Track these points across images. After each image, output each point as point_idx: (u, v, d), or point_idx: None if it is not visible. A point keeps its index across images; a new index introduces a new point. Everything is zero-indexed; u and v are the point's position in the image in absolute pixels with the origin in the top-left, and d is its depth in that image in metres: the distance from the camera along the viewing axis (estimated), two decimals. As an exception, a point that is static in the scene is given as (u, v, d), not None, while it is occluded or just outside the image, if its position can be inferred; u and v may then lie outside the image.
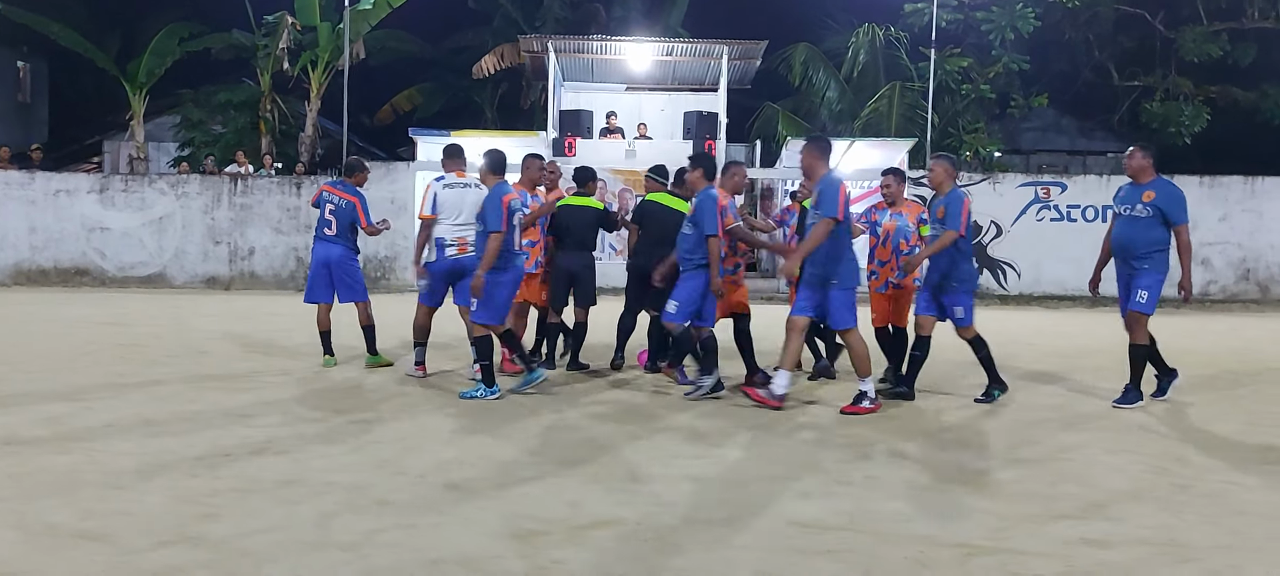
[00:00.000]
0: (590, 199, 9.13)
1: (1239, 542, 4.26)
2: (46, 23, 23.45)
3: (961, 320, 7.71)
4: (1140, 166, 7.69)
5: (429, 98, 28.94)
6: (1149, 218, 7.55)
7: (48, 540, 4.02)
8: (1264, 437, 6.54)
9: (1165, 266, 7.59)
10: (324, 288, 8.85)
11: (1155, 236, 7.56)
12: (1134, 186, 7.72)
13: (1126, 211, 7.70)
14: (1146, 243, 7.58)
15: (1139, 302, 7.61)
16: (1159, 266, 7.59)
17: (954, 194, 7.69)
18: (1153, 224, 7.55)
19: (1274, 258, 19.16)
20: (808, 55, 24.53)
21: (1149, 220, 7.56)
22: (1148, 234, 7.58)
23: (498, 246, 7.34)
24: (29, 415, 6.52)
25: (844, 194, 7.12)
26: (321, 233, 8.83)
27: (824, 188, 7.21)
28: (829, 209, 7.07)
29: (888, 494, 4.95)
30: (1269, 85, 24.65)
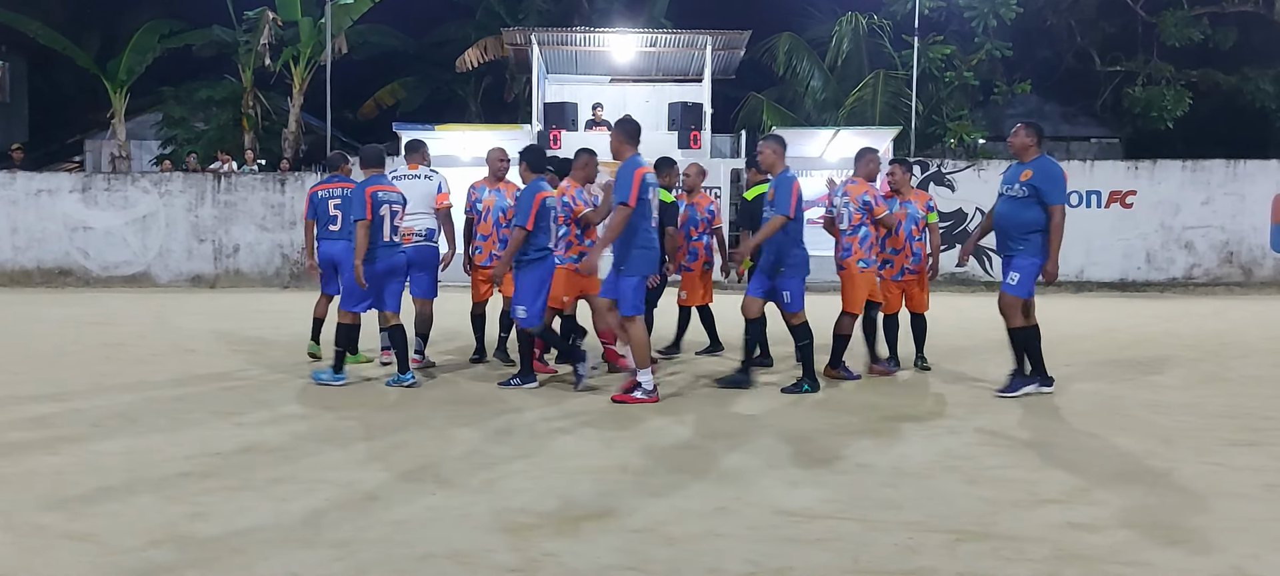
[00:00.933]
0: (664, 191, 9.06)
1: (1225, 524, 4.29)
2: (25, 21, 23.27)
3: (789, 305, 7.51)
4: (1023, 144, 7.41)
5: (412, 92, 28.83)
6: (1025, 198, 7.25)
7: (36, 540, 4.00)
8: (1248, 420, 6.59)
9: (1041, 249, 7.24)
10: (332, 281, 8.81)
11: (1030, 217, 7.24)
12: (1017, 165, 7.45)
13: (1006, 191, 7.42)
14: (1021, 223, 7.29)
15: (1009, 284, 7.34)
16: (1033, 249, 7.25)
17: (784, 176, 7.48)
18: (1029, 204, 7.24)
19: (1257, 240, 19.28)
20: (791, 45, 24.55)
21: (1025, 200, 7.25)
22: (1023, 214, 7.27)
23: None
24: (15, 416, 6.49)
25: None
26: (326, 230, 8.74)
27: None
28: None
29: (876, 481, 4.97)
30: (1250, 69, 24.79)
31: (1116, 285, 19.04)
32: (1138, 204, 19.39)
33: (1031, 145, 7.39)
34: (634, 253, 7.10)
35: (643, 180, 7.01)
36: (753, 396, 7.39)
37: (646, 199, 7.10)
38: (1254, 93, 24.81)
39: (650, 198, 7.17)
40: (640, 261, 7.13)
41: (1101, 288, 18.89)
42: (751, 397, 7.34)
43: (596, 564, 3.78)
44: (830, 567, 3.76)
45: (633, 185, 6.93)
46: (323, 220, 8.73)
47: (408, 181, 8.52)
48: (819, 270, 8.63)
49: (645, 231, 7.14)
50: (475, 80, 28.93)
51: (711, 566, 3.76)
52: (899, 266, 8.53)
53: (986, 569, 3.74)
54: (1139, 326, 12.52)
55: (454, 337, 10.36)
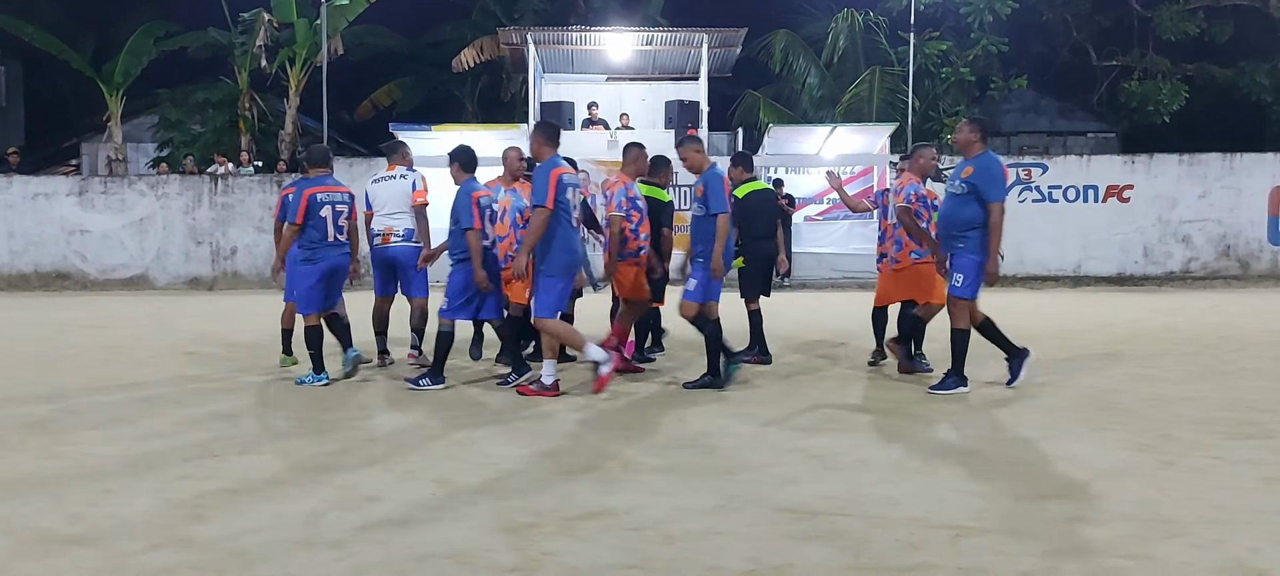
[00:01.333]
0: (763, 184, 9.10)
1: (1224, 517, 4.29)
2: (20, 25, 23.25)
3: (685, 294, 7.47)
4: (966, 140, 7.30)
5: (409, 92, 28.82)
6: (965, 195, 7.15)
7: (36, 545, 4.00)
8: (1247, 413, 6.59)
9: (980, 247, 7.11)
10: None
11: (969, 214, 7.14)
12: (962, 161, 7.38)
13: (950, 188, 7.34)
14: (961, 221, 7.19)
15: (954, 286, 7.25)
16: (973, 246, 7.13)
17: (712, 172, 7.46)
18: (969, 201, 7.14)
19: (1254, 233, 19.31)
20: (788, 42, 24.56)
21: (965, 197, 7.16)
22: (962, 211, 7.18)
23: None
24: (15, 419, 6.48)
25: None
26: None
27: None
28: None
29: (876, 477, 4.97)
30: (1246, 62, 24.83)
31: (1114, 279, 19.06)
32: (1134, 198, 19.41)
33: (975, 141, 7.26)
34: (552, 254, 7.11)
35: (559, 181, 7.04)
36: (753, 395, 7.38)
37: (564, 200, 7.11)
38: (1250, 86, 24.85)
39: (568, 198, 7.17)
40: (559, 263, 7.15)
41: (1099, 282, 18.91)
42: (748, 396, 7.32)
43: (596, 562, 3.78)
44: (831, 564, 3.76)
45: (549, 187, 6.97)
46: None
47: (385, 182, 8.62)
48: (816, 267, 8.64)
49: (564, 233, 7.14)
50: (471, 80, 28.92)
51: (712, 564, 3.75)
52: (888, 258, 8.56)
53: (987, 564, 3.74)
54: (1137, 320, 12.53)
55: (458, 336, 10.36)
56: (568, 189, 7.15)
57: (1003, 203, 7.15)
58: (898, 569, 3.72)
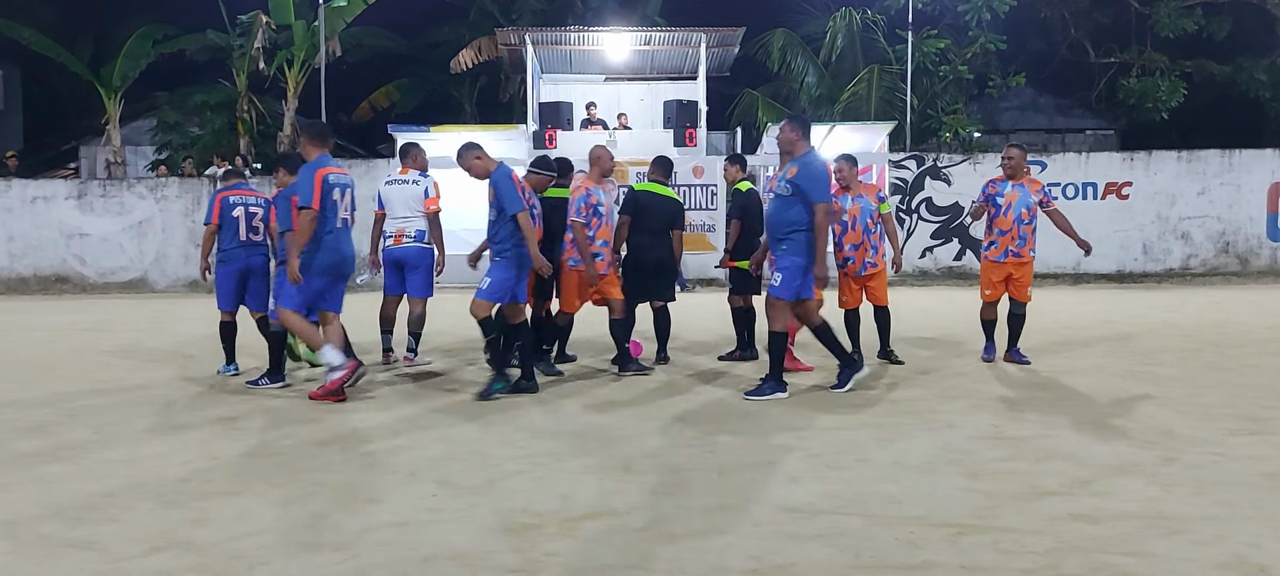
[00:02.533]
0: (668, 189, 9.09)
1: (1226, 513, 4.30)
2: (18, 28, 23.23)
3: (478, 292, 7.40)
4: (789, 140, 7.16)
5: (407, 93, 28.80)
6: (789, 196, 7.02)
7: (38, 549, 4.00)
8: (1248, 409, 6.59)
9: (804, 249, 7.02)
10: None
11: (793, 216, 7.01)
12: (790, 161, 7.18)
13: (776, 189, 7.22)
14: (784, 222, 7.08)
15: (773, 286, 7.15)
16: (797, 249, 7.02)
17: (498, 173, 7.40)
18: (792, 202, 7.00)
19: (1253, 230, 19.31)
20: (786, 41, 24.54)
21: (789, 198, 7.03)
22: (786, 213, 7.06)
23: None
24: (15, 423, 6.48)
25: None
26: None
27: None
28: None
29: (877, 476, 4.97)
30: (1244, 58, 24.84)
31: (1113, 276, 19.06)
32: (1133, 195, 19.41)
33: (798, 141, 7.14)
34: (319, 255, 7.14)
35: (324, 182, 7.07)
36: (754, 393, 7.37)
37: (332, 200, 7.14)
38: (1248, 82, 24.86)
39: (336, 198, 7.19)
40: (321, 263, 7.16)
41: (1098, 279, 18.91)
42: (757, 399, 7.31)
43: (599, 563, 3.78)
44: (832, 563, 3.76)
45: (314, 188, 7.00)
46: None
47: (397, 185, 8.78)
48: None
49: (328, 233, 7.16)
50: (470, 81, 28.91)
51: (714, 564, 3.75)
52: (860, 261, 8.56)
53: (988, 562, 3.74)
54: (1137, 317, 12.54)
55: (454, 338, 10.36)
56: (334, 190, 7.17)
57: (827, 204, 6.96)
58: (900, 567, 3.72)
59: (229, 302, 8.38)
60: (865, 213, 8.54)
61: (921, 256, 18.96)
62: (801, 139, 7.17)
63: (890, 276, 8.88)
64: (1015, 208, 8.57)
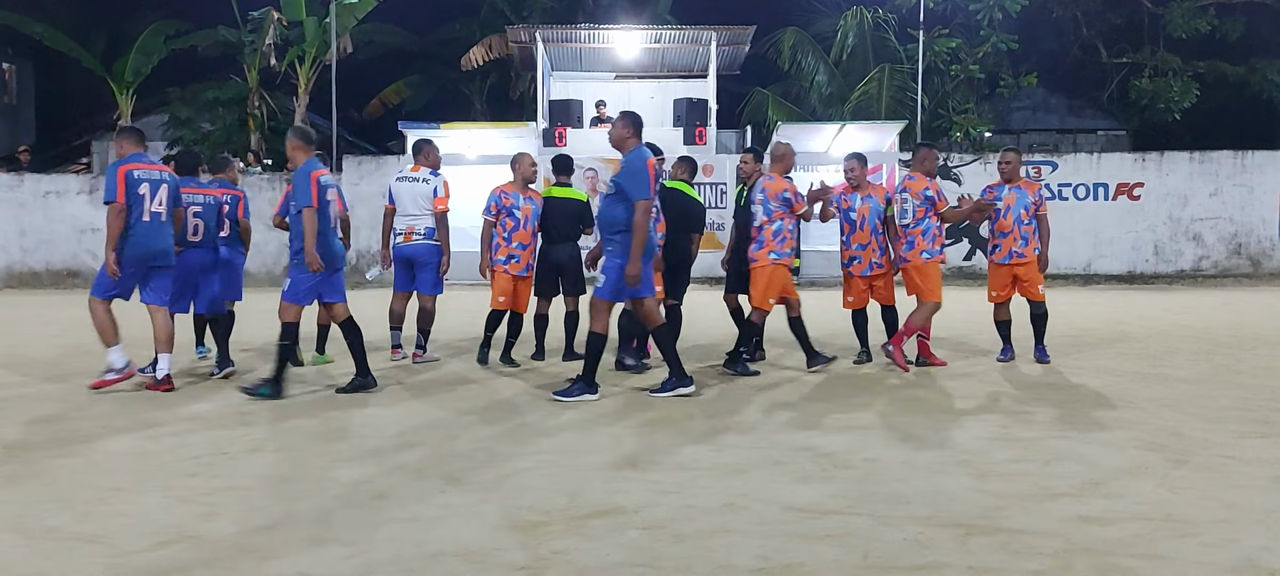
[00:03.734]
0: (572, 189, 9.17)
1: (1237, 516, 4.27)
2: (31, 23, 23.32)
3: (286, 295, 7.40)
4: (620, 137, 7.00)
5: (418, 90, 28.84)
6: (615, 194, 6.92)
7: (47, 542, 4.01)
8: (1260, 411, 6.56)
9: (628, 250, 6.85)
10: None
11: (618, 214, 6.88)
12: None
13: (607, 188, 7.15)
14: (610, 221, 6.96)
15: (597, 287, 7.04)
16: (622, 249, 6.88)
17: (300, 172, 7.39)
18: (617, 201, 6.88)
19: (1265, 232, 19.23)
20: (796, 39, 24.51)
21: (614, 197, 6.93)
22: (611, 211, 6.94)
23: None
24: (25, 416, 6.51)
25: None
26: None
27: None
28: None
29: (885, 476, 4.96)
30: (1257, 59, 24.72)
31: (1124, 277, 19.00)
32: (1145, 196, 19.35)
33: (629, 137, 6.98)
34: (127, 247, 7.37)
35: (128, 177, 7.30)
36: (759, 394, 7.37)
37: (138, 194, 7.35)
38: (1262, 83, 24.74)
39: (142, 193, 7.39)
40: (129, 254, 7.41)
41: (1109, 280, 18.85)
42: (757, 395, 7.32)
43: (606, 561, 3.78)
44: (840, 563, 3.75)
45: (117, 185, 7.18)
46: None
47: (408, 182, 8.81)
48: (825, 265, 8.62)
49: (134, 227, 7.38)
50: (480, 78, 28.93)
51: (722, 562, 3.75)
52: (867, 261, 8.59)
53: (997, 563, 3.73)
54: (1149, 318, 12.49)
55: (461, 335, 10.38)
56: (141, 184, 7.38)
57: (647, 200, 6.79)
58: (907, 568, 3.71)
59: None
60: (874, 213, 8.56)
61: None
62: (633, 135, 6.99)
63: None
64: (1014, 209, 8.61)
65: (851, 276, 8.73)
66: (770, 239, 8.18)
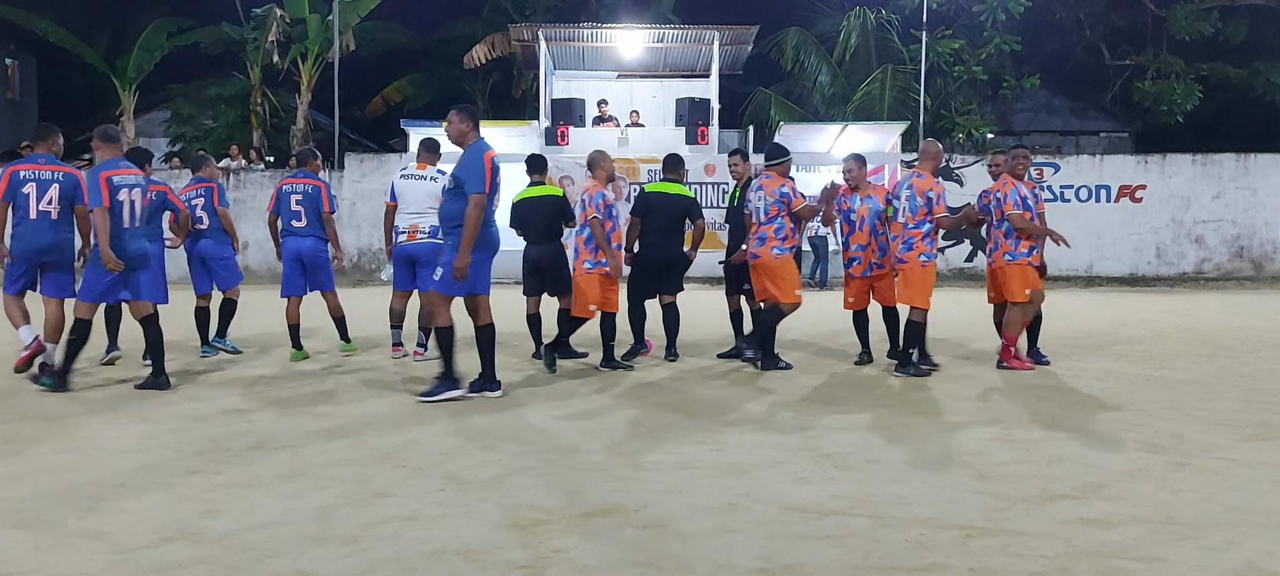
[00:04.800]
0: (546, 187, 9.20)
1: (1238, 519, 4.27)
2: (34, 19, 23.35)
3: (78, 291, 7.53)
4: (458, 132, 6.95)
5: (420, 88, 28.87)
6: (454, 189, 6.88)
7: (47, 538, 4.01)
8: (1261, 414, 6.55)
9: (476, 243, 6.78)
10: (298, 280, 8.91)
11: (457, 209, 6.84)
12: None
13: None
14: (449, 216, 6.95)
15: (433, 281, 6.98)
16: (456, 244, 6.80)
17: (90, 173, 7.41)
18: (457, 196, 6.85)
19: (1268, 234, 19.23)
20: (799, 39, 24.52)
21: (453, 191, 6.90)
22: (450, 206, 6.94)
23: None
24: (26, 412, 6.51)
25: None
26: (290, 225, 8.87)
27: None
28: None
29: (886, 477, 4.96)
30: (1261, 62, 24.70)
31: (1126, 280, 19.00)
32: (1148, 198, 19.34)
33: (467, 132, 6.94)
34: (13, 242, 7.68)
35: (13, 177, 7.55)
36: (761, 394, 7.37)
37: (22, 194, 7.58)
38: (1265, 86, 24.73)
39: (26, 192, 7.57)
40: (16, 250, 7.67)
41: (1111, 282, 18.83)
42: (759, 395, 7.32)
43: (607, 560, 3.77)
44: (841, 564, 3.74)
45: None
46: (286, 216, 8.86)
47: (413, 181, 8.74)
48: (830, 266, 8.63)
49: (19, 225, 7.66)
50: (483, 76, 28.96)
51: (722, 562, 3.74)
52: (867, 262, 8.59)
53: (998, 565, 3.72)
54: (1150, 321, 12.48)
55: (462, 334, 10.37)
56: (26, 184, 7.60)
57: (481, 194, 6.72)
58: (908, 569, 3.70)
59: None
60: (873, 214, 8.55)
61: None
62: (471, 129, 6.95)
63: None
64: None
65: (851, 277, 8.75)
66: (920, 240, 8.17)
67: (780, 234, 8.23)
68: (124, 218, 7.32)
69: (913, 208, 8.24)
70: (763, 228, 8.28)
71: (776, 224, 8.22)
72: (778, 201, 8.23)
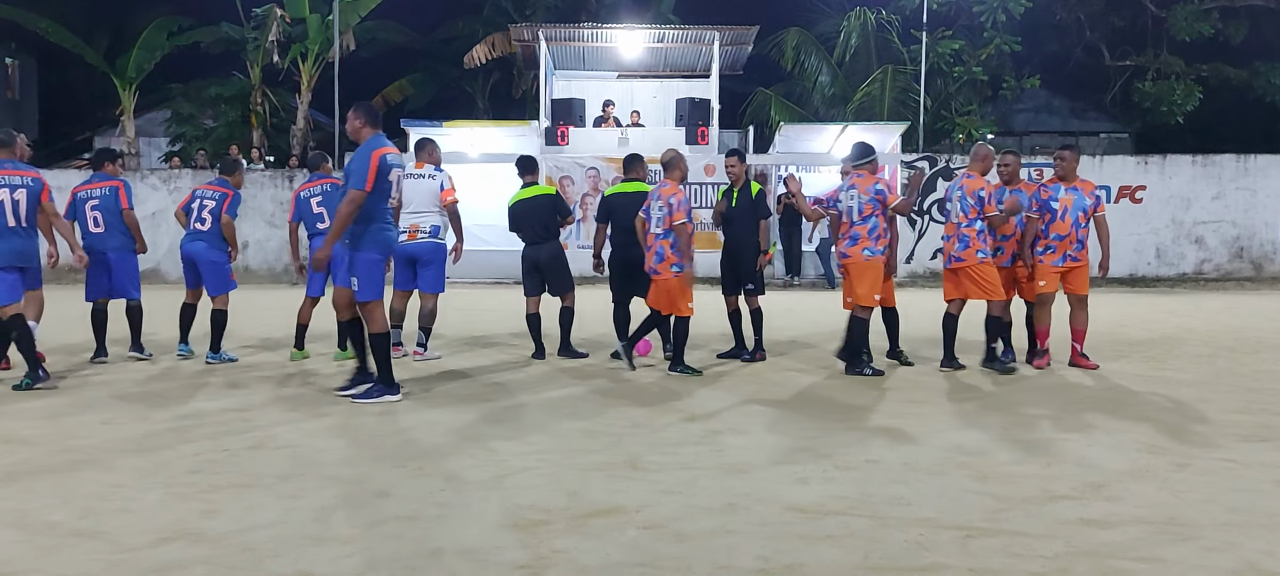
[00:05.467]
0: (538, 187, 9.20)
1: (1238, 520, 4.27)
2: (35, 19, 23.33)
3: None
4: (353, 128, 6.90)
5: (420, 88, 28.86)
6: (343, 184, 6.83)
7: (47, 538, 4.01)
8: (1261, 415, 6.55)
9: (367, 243, 6.75)
10: (319, 281, 8.90)
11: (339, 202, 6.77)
12: None
13: None
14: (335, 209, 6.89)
15: (357, 293, 6.89)
16: (361, 242, 6.74)
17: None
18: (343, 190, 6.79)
19: (1268, 235, 19.22)
20: (800, 40, 24.51)
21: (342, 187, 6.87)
22: (337, 200, 6.91)
23: None
24: (25, 413, 6.51)
25: None
26: (315, 227, 8.88)
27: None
28: None
29: (887, 477, 4.95)
30: (1261, 63, 24.70)
31: (1126, 280, 18.98)
32: (1148, 199, 19.33)
33: (360, 128, 6.88)
34: None
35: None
36: (760, 394, 7.37)
37: None
38: (1265, 87, 24.72)
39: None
40: None
41: (1111, 283, 18.81)
42: (759, 395, 7.31)
43: (606, 560, 3.77)
44: (841, 564, 3.74)
45: None
46: (309, 221, 8.86)
47: (412, 180, 8.74)
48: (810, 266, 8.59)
49: None
50: (483, 77, 28.95)
51: (722, 563, 3.74)
52: None
53: (998, 565, 3.72)
54: (1150, 321, 12.48)
55: (462, 333, 10.38)
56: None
57: (360, 192, 6.60)
58: (908, 569, 3.70)
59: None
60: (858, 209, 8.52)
61: (933, 257, 18.91)
62: (365, 126, 6.89)
63: (900, 277, 8.85)
64: None
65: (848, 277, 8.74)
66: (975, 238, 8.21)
67: (874, 234, 8.12)
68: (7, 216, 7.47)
69: (964, 207, 8.26)
70: (856, 227, 8.14)
71: (871, 223, 8.10)
72: (873, 199, 8.10)
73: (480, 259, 16.94)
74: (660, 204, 8.19)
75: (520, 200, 9.11)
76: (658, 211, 8.22)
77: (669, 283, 8.18)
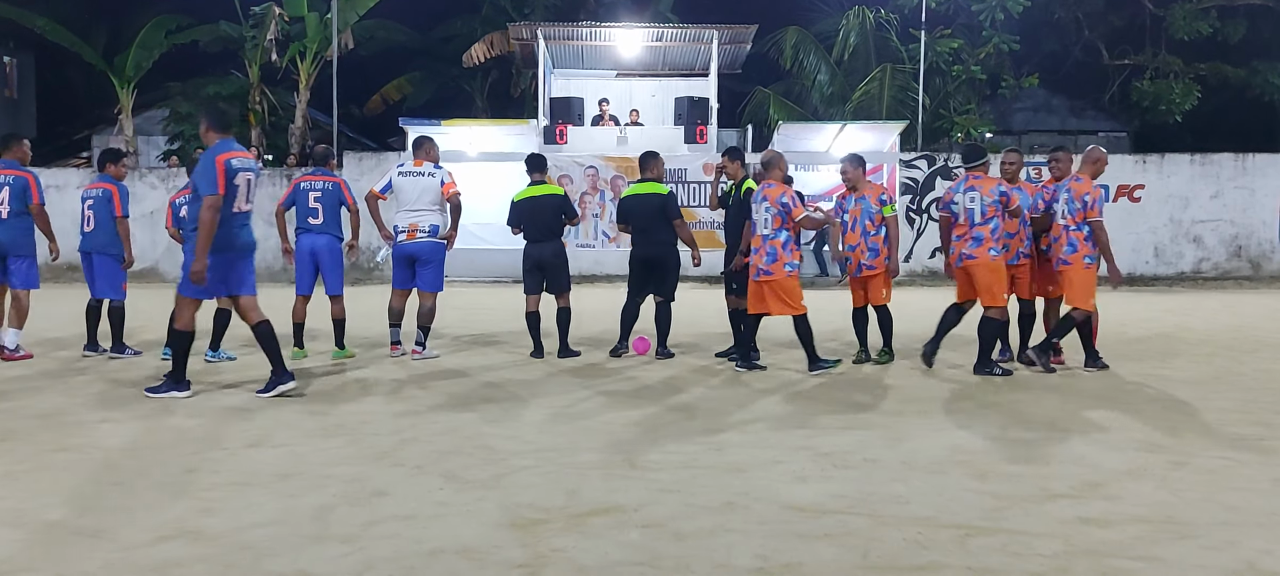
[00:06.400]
0: (546, 186, 9.21)
1: (1236, 518, 4.27)
2: (32, 17, 23.30)
3: None
4: (202, 134, 7.01)
5: (419, 87, 28.84)
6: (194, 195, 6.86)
7: (45, 536, 4.00)
8: (1260, 414, 6.55)
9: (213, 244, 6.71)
10: (310, 278, 8.89)
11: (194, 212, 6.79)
12: None
13: None
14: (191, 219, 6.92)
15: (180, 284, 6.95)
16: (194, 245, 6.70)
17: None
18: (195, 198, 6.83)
19: (1266, 234, 19.24)
20: (798, 39, 24.51)
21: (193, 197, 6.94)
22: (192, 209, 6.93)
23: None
24: (24, 411, 6.50)
25: None
26: (306, 222, 8.85)
27: None
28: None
29: (885, 476, 4.95)
30: (1259, 62, 24.71)
31: (1125, 279, 19.01)
32: (1146, 198, 19.34)
33: (206, 131, 6.93)
34: None
35: None
36: (759, 393, 7.37)
37: None
38: (1263, 86, 24.74)
39: None
40: None
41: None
42: (758, 395, 7.32)
43: (605, 559, 3.77)
44: (839, 563, 3.74)
45: None
46: (302, 212, 8.83)
47: (411, 177, 8.77)
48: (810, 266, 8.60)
49: None
50: (482, 75, 28.94)
51: (720, 562, 3.74)
52: (856, 263, 8.59)
53: (996, 564, 3.72)
54: (1149, 320, 12.48)
55: (460, 332, 10.37)
56: None
57: (213, 197, 6.63)
58: (907, 568, 3.70)
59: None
60: (865, 214, 8.52)
61: (931, 256, 18.92)
62: (209, 131, 6.94)
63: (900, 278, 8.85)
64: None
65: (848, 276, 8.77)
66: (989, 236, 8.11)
67: (996, 235, 8.09)
68: None
69: (1071, 210, 8.25)
70: (978, 229, 8.09)
71: (992, 224, 8.07)
72: (995, 201, 8.08)
73: (479, 258, 16.96)
74: (768, 205, 8.11)
75: (528, 197, 9.12)
76: (765, 213, 8.12)
77: (784, 282, 8.12)
